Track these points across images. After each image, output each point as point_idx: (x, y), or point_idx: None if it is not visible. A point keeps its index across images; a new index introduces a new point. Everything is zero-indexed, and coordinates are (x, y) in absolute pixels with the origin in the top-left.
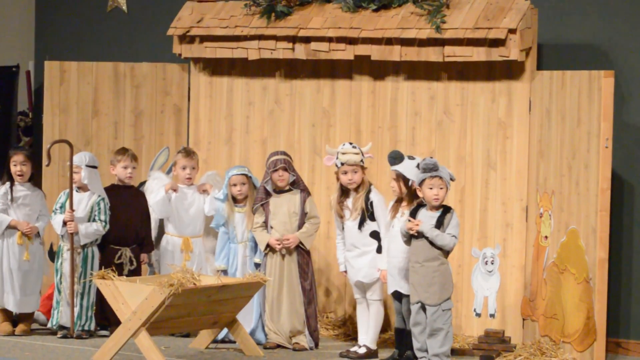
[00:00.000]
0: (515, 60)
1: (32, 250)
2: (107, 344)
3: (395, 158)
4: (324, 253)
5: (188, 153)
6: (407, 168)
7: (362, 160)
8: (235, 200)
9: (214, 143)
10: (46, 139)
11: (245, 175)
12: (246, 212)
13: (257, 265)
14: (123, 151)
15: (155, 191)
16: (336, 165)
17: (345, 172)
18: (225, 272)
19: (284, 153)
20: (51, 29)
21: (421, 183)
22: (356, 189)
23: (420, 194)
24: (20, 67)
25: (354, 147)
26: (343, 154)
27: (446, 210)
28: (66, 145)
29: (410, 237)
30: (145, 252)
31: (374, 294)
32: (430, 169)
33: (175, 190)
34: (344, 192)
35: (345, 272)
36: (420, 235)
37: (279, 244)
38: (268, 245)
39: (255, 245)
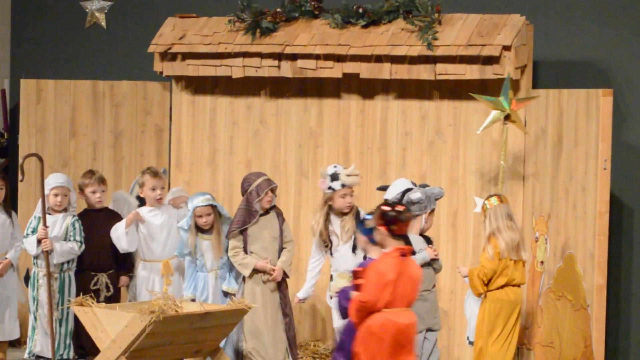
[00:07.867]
0: (510, 79)
1: (3, 280)
2: None
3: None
4: None
5: (155, 173)
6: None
7: None
8: (200, 229)
9: (196, 164)
10: None
11: (211, 205)
12: (212, 241)
13: (225, 294)
14: (90, 174)
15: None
16: (331, 189)
17: (344, 196)
18: (193, 301)
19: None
20: (27, 46)
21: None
22: (344, 213)
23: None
24: None
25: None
26: (348, 175)
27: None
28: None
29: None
30: (125, 275)
31: None
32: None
33: (141, 221)
34: (328, 217)
35: (302, 300)
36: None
37: (270, 269)
38: (254, 270)
39: (225, 273)
